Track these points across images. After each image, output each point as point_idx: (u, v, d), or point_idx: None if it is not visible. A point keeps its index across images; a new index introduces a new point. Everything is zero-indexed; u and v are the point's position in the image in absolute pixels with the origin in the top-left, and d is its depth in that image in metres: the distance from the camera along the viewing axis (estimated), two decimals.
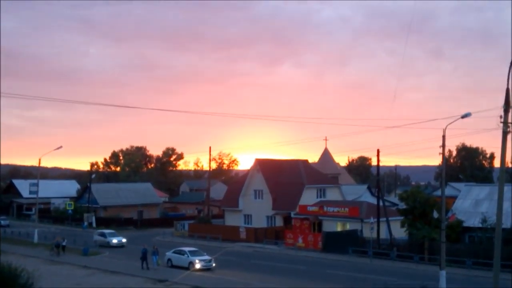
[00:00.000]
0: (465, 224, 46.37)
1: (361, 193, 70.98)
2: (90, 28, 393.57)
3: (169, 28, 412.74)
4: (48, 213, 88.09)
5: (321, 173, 70.73)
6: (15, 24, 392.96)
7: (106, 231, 59.78)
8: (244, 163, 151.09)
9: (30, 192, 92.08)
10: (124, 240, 56.80)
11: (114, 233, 58.96)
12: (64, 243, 49.37)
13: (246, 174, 71.18)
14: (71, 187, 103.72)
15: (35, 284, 25.02)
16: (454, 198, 54.77)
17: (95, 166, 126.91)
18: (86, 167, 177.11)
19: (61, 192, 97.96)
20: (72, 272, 39.89)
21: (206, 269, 39.85)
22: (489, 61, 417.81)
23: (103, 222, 77.89)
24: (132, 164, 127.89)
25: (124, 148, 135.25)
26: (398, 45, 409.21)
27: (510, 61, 21.10)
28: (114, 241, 55.92)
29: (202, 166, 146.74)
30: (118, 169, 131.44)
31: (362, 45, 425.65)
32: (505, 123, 21.81)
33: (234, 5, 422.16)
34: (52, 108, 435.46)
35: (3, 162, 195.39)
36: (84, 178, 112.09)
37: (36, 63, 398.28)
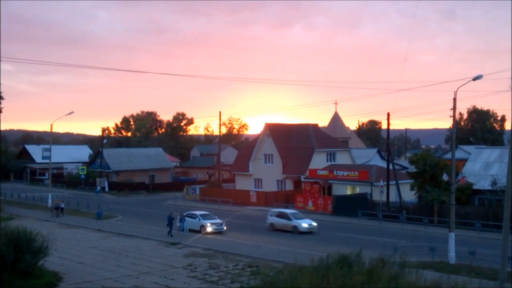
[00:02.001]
0: (475, 187, 46.45)
1: (371, 157, 71.04)
2: None
3: None
4: (61, 178, 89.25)
5: (331, 137, 70.70)
6: None
7: (288, 211, 43.60)
8: (254, 128, 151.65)
9: (43, 157, 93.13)
10: (314, 223, 41.28)
11: (298, 213, 43.79)
12: (62, 206, 52.37)
13: (256, 138, 71.32)
14: (83, 152, 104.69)
15: (50, 247, 25.63)
16: (464, 160, 54.74)
17: (107, 131, 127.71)
18: (97, 132, 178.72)
19: (73, 157, 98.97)
20: (86, 235, 40.61)
21: (217, 232, 40.42)
22: (502, 22, 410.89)
23: (115, 187, 78.88)
24: (143, 129, 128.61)
25: (134, 113, 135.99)
26: (410, 6, 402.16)
27: None
28: (304, 225, 40.61)
29: (213, 131, 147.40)
30: (129, 134, 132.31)
31: (374, 6, 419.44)
32: None
33: None
34: (63, 73, 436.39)
35: (15, 127, 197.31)
36: (96, 143, 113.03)
37: (46, 28, 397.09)
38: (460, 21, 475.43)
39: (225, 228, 41.23)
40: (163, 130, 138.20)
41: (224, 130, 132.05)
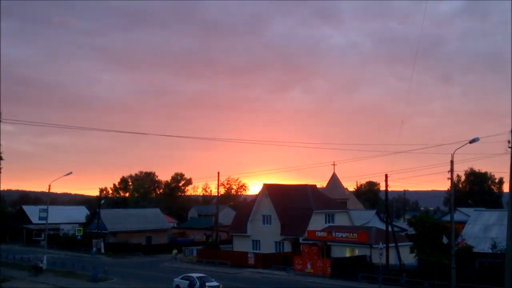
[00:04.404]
0: (475, 250, 46.01)
1: (370, 218, 70.69)
2: (103, 55, 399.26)
3: (180, 55, 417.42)
4: (57, 239, 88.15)
5: (329, 198, 70.60)
6: (29, 51, 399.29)
7: None
8: (253, 188, 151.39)
9: (40, 218, 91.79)
10: None
11: None
12: (41, 265, 53.12)
13: (254, 199, 71.14)
14: (80, 213, 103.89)
15: None
16: (463, 223, 54.46)
17: (104, 192, 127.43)
18: (95, 192, 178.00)
19: (70, 218, 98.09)
20: None
21: None
22: (498, 86, 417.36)
23: (112, 248, 77.88)
24: (141, 190, 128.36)
25: (133, 174, 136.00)
26: (407, 70, 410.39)
27: None
28: None
29: (211, 191, 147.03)
30: (127, 194, 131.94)
31: (371, 71, 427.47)
32: None
33: (245, 31, 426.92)
34: (63, 135, 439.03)
35: (14, 188, 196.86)
36: (93, 204, 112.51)
37: (49, 90, 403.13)
38: (456, 85, 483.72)
39: None
40: (161, 191, 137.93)
41: (222, 191, 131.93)
